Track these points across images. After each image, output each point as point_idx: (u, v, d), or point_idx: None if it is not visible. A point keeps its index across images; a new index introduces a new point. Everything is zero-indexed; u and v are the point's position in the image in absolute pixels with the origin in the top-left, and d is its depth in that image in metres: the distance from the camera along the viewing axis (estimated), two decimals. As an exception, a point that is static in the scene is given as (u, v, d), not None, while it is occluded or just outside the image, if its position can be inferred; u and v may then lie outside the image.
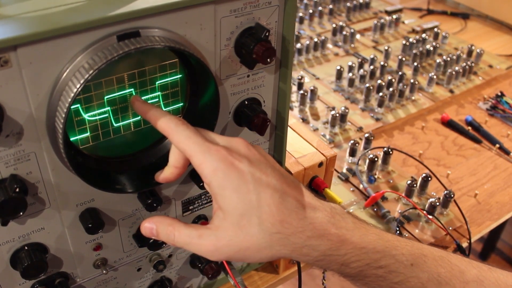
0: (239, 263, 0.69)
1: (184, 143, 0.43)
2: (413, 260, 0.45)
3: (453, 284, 0.45)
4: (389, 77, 1.08)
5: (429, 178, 0.83)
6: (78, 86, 0.40)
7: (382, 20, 1.29)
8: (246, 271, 0.71)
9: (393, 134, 0.99)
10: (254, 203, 0.41)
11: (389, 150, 0.88)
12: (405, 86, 1.05)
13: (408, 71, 1.14)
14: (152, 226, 0.46)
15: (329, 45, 1.24)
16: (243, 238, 0.42)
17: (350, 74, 1.08)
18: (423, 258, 0.45)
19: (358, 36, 1.29)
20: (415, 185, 0.82)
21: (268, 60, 0.48)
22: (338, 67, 1.09)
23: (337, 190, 0.85)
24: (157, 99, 0.50)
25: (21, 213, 0.43)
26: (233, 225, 0.42)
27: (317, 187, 0.65)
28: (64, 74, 0.40)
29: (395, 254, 0.44)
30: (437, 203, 0.79)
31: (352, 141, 0.90)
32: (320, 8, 1.34)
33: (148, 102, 0.49)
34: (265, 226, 0.42)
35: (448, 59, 1.16)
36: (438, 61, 1.15)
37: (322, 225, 0.43)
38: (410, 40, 1.22)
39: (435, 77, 1.09)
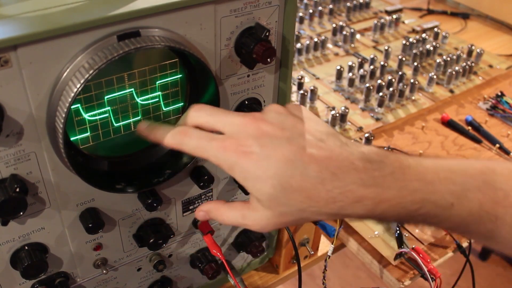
0: (239, 262, 0.69)
1: (196, 152, 0.44)
2: (454, 199, 0.43)
3: (495, 213, 0.43)
4: (389, 77, 1.08)
5: (429, 178, 0.83)
6: (78, 86, 0.40)
7: (382, 20, 1.29)
8: (246, 271, 0.71)
9: (393, 134, 0.99)
10: (277, 185, 0.41)
11: (389, 150, 0.88)
12: (405, 86, 1.05)
13: (408, 71, 1.14)
14: (205, 214, 0.48)
15: (329, 45, 1.24)
16: (280, 217, 0.42)
17: (350, 74, 1.08)
18: (465, 193, 0.43)
19: (358, 36, 1.29)
20: (415, 185, 0.82)
21: (268, 60, 0.48)
22: (338, 67, 1.09)
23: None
24: (157, 99, 0.50)
25: (21, 213, 0.43)
26: (266, 208, 0.42)
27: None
28: (64, 74, 0.40)
29: (435, 200, 0.42)
30: (437, 203, 0.79)
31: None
32: (320, 8, 1.34)
33: (149, 101, 0.49)
34: (294, 203, 0.41)
35: (448, 59, 1.16)
36: (438, 61, 1.15)
37: (353, 191, 0.40)
38: (410, 40, 1.21)
39: (435, 77, 1.09)
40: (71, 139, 0.46)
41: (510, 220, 0.44)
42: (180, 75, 0.50)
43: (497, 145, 0.97)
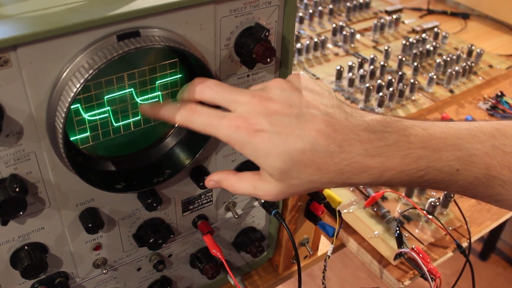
0: (239, 262, 0.69)
1: (205, 130, 0.45)
2: (459, 165, 0.43)
3: (503, 177, 0.44)
4: (389, 77, 1.08)
5: (429, 178, 0.83)
6: (78, 85, 0.40)
7: (382, 20, 1.29)
8: (246, 271, 0.71)
9: (393, 134, 0.99)
10: (288, 161, 0.43)
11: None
12: (405, 86, 1.05)
13: (408, 71, 1.14)
14: (215, 184, 0.50)
15: (329, 45, 1.24)
16: (291, 187, 0.45)
17: (350, 74, 1.08)
18: (472, 159, 0.43)
19: (358, 36, 1.29)
20: (415, 185, 0.82)
21: (268, 60, 0.48)
22: (338, 67, 1.09)
23: (337, 189, 0.85)
24: (157, 99, 0.50)
25: (21, 213, 0.43)
26: (278, 181, 0.44)
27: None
28: (64, 74, 0.40)
29: (440, 167, 0.43)
30: (437, 203, 0.79)
31: (352, 141, 0.90)
32: (320, 8, 1.34)
33: (149, 101, 0.49)
34: (305, 176, 0.43)
35: (448, 59, 1.16)
36: (438, 61, 1.15)
37: (359, 162, 0.43)
38: (410, 40, 1.22)
39: (435, 77, 1.09)
40: (71, 139, 0.46)
41: None
42: (180, 75, 0.50)
43: (497, 145, 0.97)
